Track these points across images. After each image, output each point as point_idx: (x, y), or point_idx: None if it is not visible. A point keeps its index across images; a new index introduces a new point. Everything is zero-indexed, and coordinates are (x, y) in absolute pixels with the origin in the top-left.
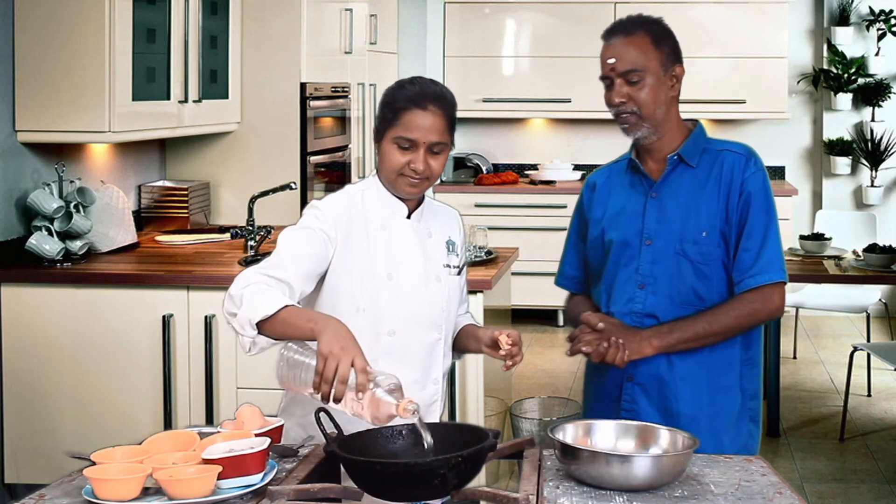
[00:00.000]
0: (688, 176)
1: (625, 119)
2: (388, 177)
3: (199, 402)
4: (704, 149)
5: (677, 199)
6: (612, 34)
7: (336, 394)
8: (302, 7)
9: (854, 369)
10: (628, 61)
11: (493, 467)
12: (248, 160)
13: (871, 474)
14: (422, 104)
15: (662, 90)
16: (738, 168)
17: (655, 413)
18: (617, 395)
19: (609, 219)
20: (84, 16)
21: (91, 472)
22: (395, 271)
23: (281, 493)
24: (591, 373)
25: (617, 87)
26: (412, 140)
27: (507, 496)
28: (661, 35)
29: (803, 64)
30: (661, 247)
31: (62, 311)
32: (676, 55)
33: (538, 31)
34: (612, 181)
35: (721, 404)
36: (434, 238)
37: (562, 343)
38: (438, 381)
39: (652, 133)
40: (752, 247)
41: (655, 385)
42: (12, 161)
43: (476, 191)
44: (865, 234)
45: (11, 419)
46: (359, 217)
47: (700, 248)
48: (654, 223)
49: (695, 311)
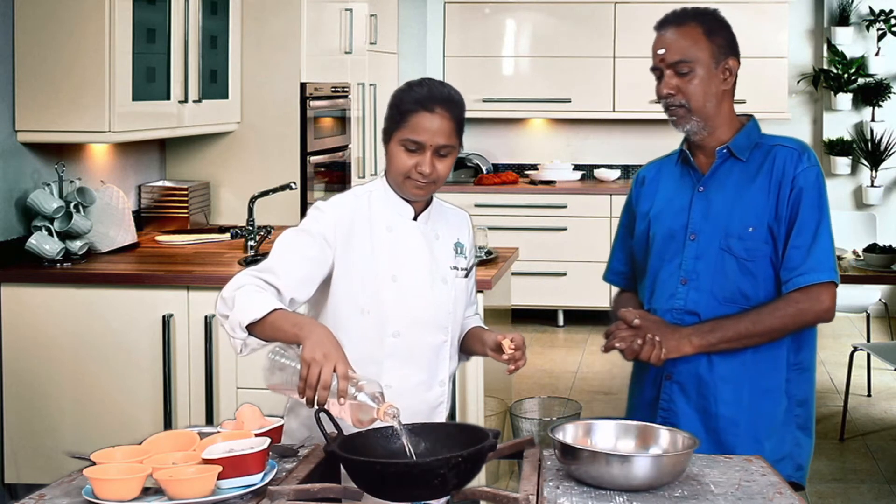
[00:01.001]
0: (737, 170)
1: (673, 111)
2: (394, 179)
3: (199, 402)
4: (757, 143)
5: (724, 193)
6: (664, 25)
7: (319, 399)
8: (302, 7)
9: (854, 369)
10: (678, 52)
11: (493, 467)
12: (248, 160)
13: (871, 474)
14: (429, 107)
15: (713, 83)
16: (791, 163)
17: (693, 414)
18: (655, 395)
19: (656, 213)
20: (84, 16)
21: (91, 472)
22: (400, 273)
23: (281, 493)
24: (634, 373)
25: (666, 78)
26: (419, 142)
27: (507, 496)
28: (715, 26)
29: (803, 64)
30: (705, 242)
31: (62, 311)
32: (731, 48)
33: (538, 31)
34: (661, 174)
35: (763, 408)
36: (441, 240)
37: (562, 343)
38: (444, 382)
39: (701, 127)
40: (803, 244)
41: (694, 385)
42: (12, 161)
43: (476, 191)
44: (865, 234)
45: (11, 419)
46: (363, 218)
47: (746, 244)
48: (700, 218)
49: (739, 309)
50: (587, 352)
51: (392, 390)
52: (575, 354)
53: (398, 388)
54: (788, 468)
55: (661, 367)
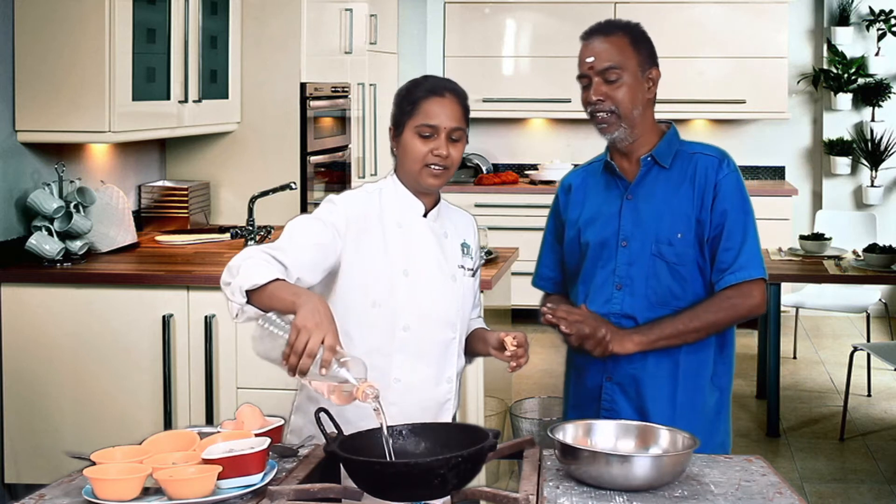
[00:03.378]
0: (662, 178)
1: (602, 119)
2: (411, 169)
3: (199, 402)
4: (678, 151)
5: (652, 200)
6: (591, 34)
7: (301, 366)
8: (302, 7)
9: (854, 369)
10: (607, 59)
11: (493, 467)
12: (248, 160)
13: (871, 474)
14: (439, 92)
15: (640, 91)
16: (712, 170)
17: (633, 413)
18: (597, 395)
19: (585, 220)
20: (84, 16)
21: (91, 472)
22: (411, 268)
23: (281, 493)
24: (570, 374)
25: (595, 85)
26: (433, 126)
27: (507, 496)
28: (639, 37)
29: (803, 64)
30: (637, 248)
31: (62, 311)
32: (653, 58)
33: (538, 31)
34: (587, 183)
35: (697, 404)
36: (450, 238)
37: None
38: (452, 380)
39: (628, 134)
40: (732, 246)
41: (633, 385)
42: (12, 161)
43: (476, 191)
44: (865, 234)
45: (11, 419)
46: (375, 214)
47: (675, 250)
48: (630, 225)
49: (671, 311)
50: None
51: (401, 384)
52: None
53: (407, 381)
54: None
55: (600, 368)
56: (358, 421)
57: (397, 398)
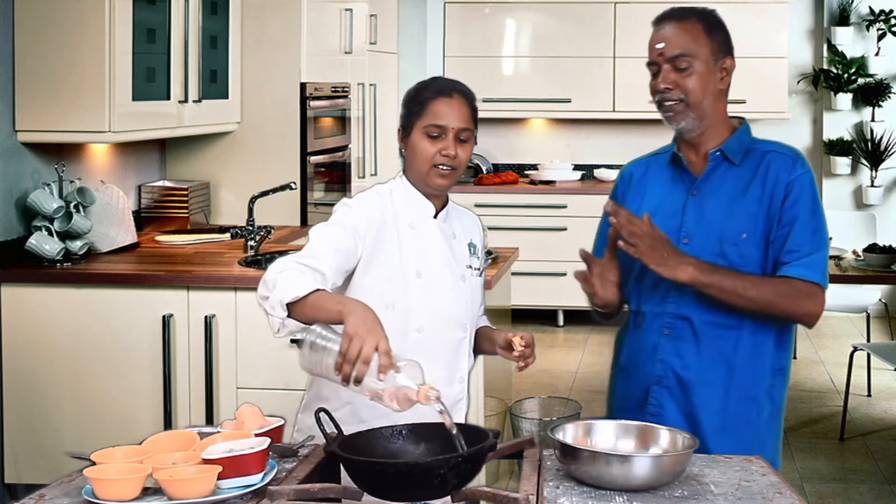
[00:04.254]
0: (731, 175)
1: (670, 107)
2: (419, 169)
3: (199, 402)
4: (749, 148)
5: (718, 198)
6: (663, 20)
7: (357, 374)
8: (302, 7)
9: (854, 369)
10: (678, 46)
11: (493, 467)
12: (248, 160)
13: (871, 474)
14: (447, 93)
15: (711, 80)
16: (784, 170)
17: (681, 419)
18: (643, 398)
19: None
20: (84, 16)
21: (91, 472)
22: (424, 269)
23: (281, 493)
24: (616, 376)
25: (664, 72)
26: (441, 126)
27: (507, 496)
28: (714, 24)
29: (803, 64)
30: (698, 247)
31: (62, 311)
32: (728, 47)
33: (538, 31)
34: (650, 174)
35: (749, 416)
36: (458, 239)
37: (562, 343)
38: (464, 379)
39: (697, 125)
40: (800, 248)
41: (682, 390)
42: (12, 161)
43: (476, 191)
44: (865, 234)
45: (11, 419)
46: (388, 216)
47: (739, 250)
48: (693, 222)
49: (728, 314)
50: (587, 352)
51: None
52: (575, 354)
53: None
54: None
55: (649, 371)
56: (373, 420)
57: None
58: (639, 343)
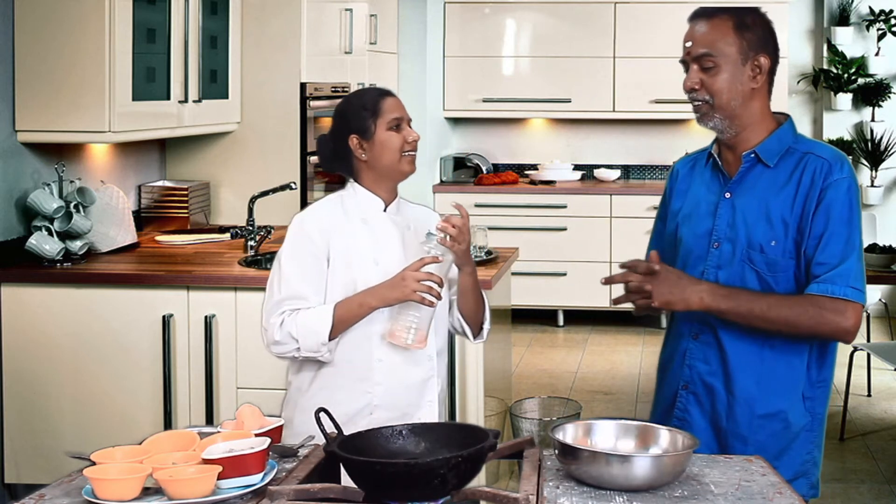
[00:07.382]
0: (765, 177)
1: (697, 107)
2: (390, 161)
3: (199, 402)
4: (789, 148)
5: (750, 201)
6: (695, 17)
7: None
8: (302, 7)
9: (854, 369)
10: (703, 45)
11: (493, 467)
12: (248, 160)
13: (871, 474)
14: (385, 93)
15: (739, 80)
16: (820, 174)
17: (707, 427)
18: (671, 402)
19: (685, 214)
20: (84, 16)
21: (91, 472)
22: (380, 257)
23: (281, 493)
24: (658, 377)
25: (691, 72)
26: (400, 118)
27: (507, 496)
28: (746, 21)
29: (803, 64)
30: (728, 251)
31: (62, 311)
32: (762, 45)
33: (538, 31)
34: (694, 172)
35: (774, 428)
36: (412, 230)
37: (562, 343)
38: (432, 357)
39: (727, 126)
40: (830, 260)
41: (709, 398)
42: (12, 161)
43: (476, 191)
44: (865, 234)
45: (11, 419)
46: (339, 216)
47: (766, 258)
48: (725, 225)
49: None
50: (587, 352)
51: (383, 363)
52: (575, 354)
53: (389, 361)
54: (803, 487)
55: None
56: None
57: (382, 378)
58: (672, 344)
